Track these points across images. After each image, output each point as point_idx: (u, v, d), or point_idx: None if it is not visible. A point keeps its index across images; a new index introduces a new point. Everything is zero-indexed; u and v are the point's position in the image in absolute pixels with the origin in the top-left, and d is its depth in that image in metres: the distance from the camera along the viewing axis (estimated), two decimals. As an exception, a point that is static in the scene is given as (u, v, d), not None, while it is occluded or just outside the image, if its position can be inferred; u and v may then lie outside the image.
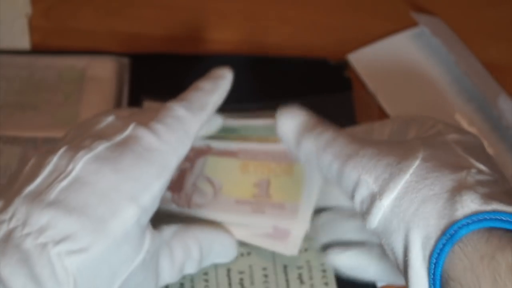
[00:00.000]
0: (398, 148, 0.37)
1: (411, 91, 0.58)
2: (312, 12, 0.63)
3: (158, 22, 0.61)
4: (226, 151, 0.50)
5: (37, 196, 0.35)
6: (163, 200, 0.42)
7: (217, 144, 0.50)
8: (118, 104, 0.55)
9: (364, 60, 0.60)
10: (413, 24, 0.62)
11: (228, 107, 0.56)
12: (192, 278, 0.46)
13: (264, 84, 0.57)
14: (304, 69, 0.58)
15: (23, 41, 0.59)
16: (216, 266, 0.47)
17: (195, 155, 0.49)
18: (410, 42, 0.61)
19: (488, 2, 0.65)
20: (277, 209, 0.48)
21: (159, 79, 0.57)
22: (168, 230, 0.42)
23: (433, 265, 0.32)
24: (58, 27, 0.60)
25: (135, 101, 0.56)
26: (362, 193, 0.36)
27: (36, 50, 0.59)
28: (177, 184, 0.48)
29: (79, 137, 0.39)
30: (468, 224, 0.31)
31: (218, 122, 0.50)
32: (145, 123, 0.40)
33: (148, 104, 0.53)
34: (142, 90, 0.56)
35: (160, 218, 0.41)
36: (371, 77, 0.59)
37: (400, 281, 0.40)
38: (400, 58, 0.60)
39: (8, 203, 0.35)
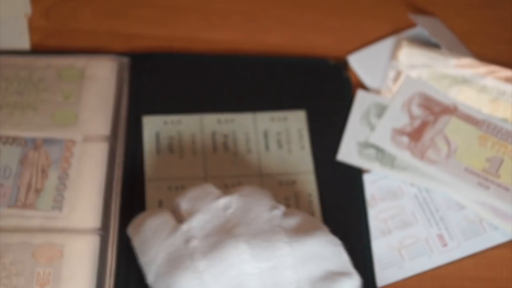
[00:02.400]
0: None
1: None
2: (312, 12, 0.63)
3: (158, 22, 0.61)
4: (471, 117, 0.53)
5: None
6: (399, 143, 0.50)
7: (464, 107, 0.53)
8: (117, 104, 0.55)
9: (364, 60, 0.60)
10: (412, 25, 0.62)
11: (227, 107, 0.56)
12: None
13: (264, 84, 0.57)
14: (304, 69, 0.59)
15: (23, 41, 0.59)
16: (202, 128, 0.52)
17: (441, 111, 0.52)
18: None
19: (487, 2, 0.65)
20: (502, 190, 0.51)
21: (159, 79, 0.57)
22: None
23: None
24: (58, 27, 0.60)
25: (134, 101, 0.56)
26: None
27: (36, 50, 0.59)
28: (416, 133, 0.51)
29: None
30: None
31: None
32: None
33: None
34: (141, 90, 0.56)
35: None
36: (370, 77, 0.59)
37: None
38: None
39: None
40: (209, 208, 0.44)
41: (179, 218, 0.45)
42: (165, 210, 0.46)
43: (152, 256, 0.43)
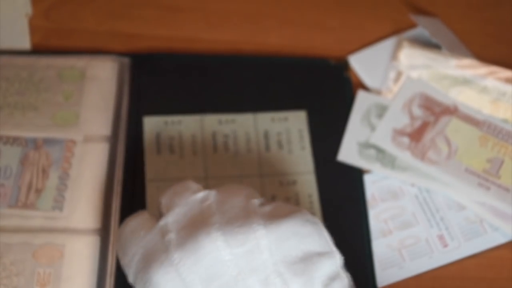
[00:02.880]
0: None
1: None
2: (312, 12, 0.63)
3: (158, 22, 0.61)
4: (471, 118, 0.53)
5: None
6: (399, 143, 0.50)
7: (465, 108, 0.53)
8: (118, 104, 0.55)
9: (364, 61, 0.60)
10: (412, 25, 0.62)
11: (228, 107, 0.56)
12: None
13: (264, 85, 0.57)
14: (305, 69, 0.59)
15: (23, 41, 0.59)
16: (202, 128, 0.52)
17: (441, 112, 0.52)
18: (410, 43, 0.61)
19: (487, 3, 0.65)
20: (502, 191, 0.51)
21: (159, 79, 0.57)
22: None
23: None
24: (58, 27, 0.60)
25: (135, 101, 0.56)
26: None
27: (36, 50, 0.58)
28: (417, 133, 0.51)
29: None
30: None
31: None
32: None
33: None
34: (142, 90, 0.56)
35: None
36: (371, 77, 0.59)
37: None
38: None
39: None
40: (187, 202, 0.43)
41: (160, 215, 0.44)
42: (146, 211, 0.46)
43: (131, 256, 0.43)
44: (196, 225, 0.41)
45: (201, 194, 0.44)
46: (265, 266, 0.40)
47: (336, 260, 0.42)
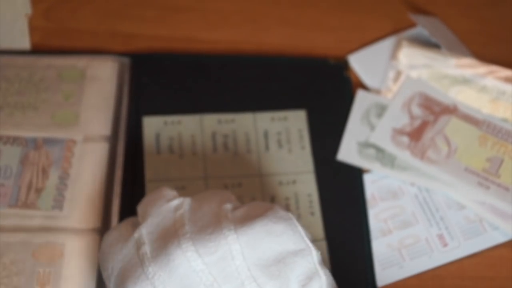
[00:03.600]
0: None
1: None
2: (312, 12, 0.63)
3: (157, 22, 0.61)
4: (471, 117, 0.53)
5: None
6: (399, 142, 0.50)
7: (464, 107, 0.53)
8: (118, 104, 0.55)
9: (364, 60, 0.60)
10: (412, 25, 0.62)
11: (227, 107, 0.56)
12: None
13: (264, 84, 0.57)
14: (304, 69, 0.59)
15: (23, 42, 0.59)
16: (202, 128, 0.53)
17: (441, 111, 0.52)
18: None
19: (487, 2, 0.65)
20: (502, 190, 0.51)
21: (159, 79, 0.57)
22: None
23: None
24: (58, 27, 0.60)
25: (135, 101, 0.56)
26: None
27: (36, 50, 0.59)
28: (417, 133, 0.51)
29: None
30: None
31: None
32: None
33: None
34: (141, 90, 0.56)
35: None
36: (370, 77, 0.59)
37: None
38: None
39: None
40: (160, 211, 0.43)
41: (137, 225, 0.44)
42: (124, 223, 0.45)
43: (110, 270, 0.42)
44: (168, 236, 0.41)
45: (175, 202, 0.43)
46: (238, 272, 0.40)
47: (312, 256, 0.41)
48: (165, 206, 0.43)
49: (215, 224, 0.41)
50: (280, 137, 0.55)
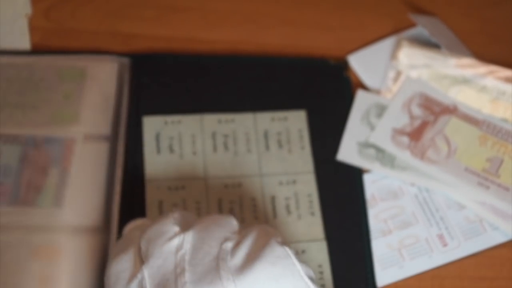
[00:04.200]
0: None
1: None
2: (311, 12, 0.63)
3: (157, 22, 0.61)
4: (471, 117, 0.53)
5: None
6: (399, 142, 0.50)
7: (464, 107, 0.53)
8: (118, 104, 0.55)
9: (364, 60, 0.60)
10: (412, 25, 0.62)
11: (228, 107, 0.56)
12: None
13: (264, 84, 0.57)
14: (304, 69, 0.59)
15: (23, 41, 0.59)
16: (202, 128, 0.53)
17: (441, 111, 0.52)
18: (410, 42, 0.61)
19: (488, 2, 0.65)
20: (502, 190, 0.51)
21: (159, 79, 0.57)
22: None
23: None
24: (58, 27, 0.60)
25: (135, 101, 0.56)
26: None
27: (36, 50, 0.58)
28: (417, 133, 0.51)
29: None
30: None
31: None
32: None
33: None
34: (141, 90, 0.56)
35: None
36: (370, 77, 0.59)
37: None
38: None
39: None
40: (161, 252, 0.42)
41: (140, 257, 0.43)
42: (132, 249, 0.44)
43: None
44: (169, 284, 0.40)
45: (175, 242, 0.42)
46: None
47: None
48: (166, 246, 0.42)
49: (214, 273, 0.40)
50: (280, 137, 0.55)
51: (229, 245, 0.42)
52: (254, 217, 0.51)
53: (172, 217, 0.44)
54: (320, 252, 0.50)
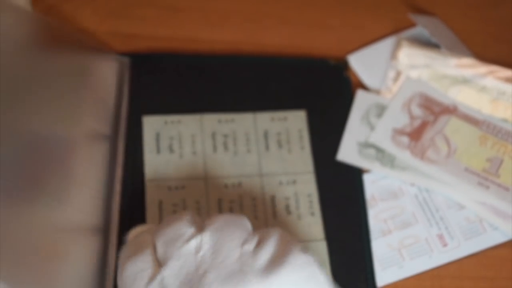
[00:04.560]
0: None
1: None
2: (311, 12, 0.63)
3: (158, 22, 0.61)
4: (471, 117, 0.53)
5: None
6: (399, 142, 0.50)
7: (464, 107, 0.53)
8: (118, 104, 0.55)
9: (364, 60, 0.60)
10: (412, 25, 0.62)
11: (227, 107, 0.56)
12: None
13: (264, 84, 0.57)
14: (304, 69, 0.59)
15: (23, 41, 0.59)
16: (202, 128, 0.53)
17: (441, 111, 0.52)
18: (410, 42, 0.61)
19: (488, 2, 0.65)
20: (502, 190, 0.51)
21: (159, 79, 0.57)
22: None
23: None
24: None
25: (135, 101, 0.56)
26: None
27: (36, 50, 0.59)
28: (416, 133, 0.51)
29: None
30: None
31: None
32: None
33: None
34: (141, 90, 0.56)
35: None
36: (370, 77, 0.59)
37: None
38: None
39: None
40: (180, 254, 0.42)
41: (157, 259, 0.44)
42: (147, 250, 0.44)
43: None
44: (193, 284, 0.41)
45: (193, 243, 0.42)
46: None
47: None
48: (185, 248, 0.42)
49: (239, 276, 0.41)
50: (280, 137, 0.55)
51: (249, 247, 0.42)
52: (254, 217, 0.51)
53: (186, 219, 0.44)
54: (320, 252, 0.50)
